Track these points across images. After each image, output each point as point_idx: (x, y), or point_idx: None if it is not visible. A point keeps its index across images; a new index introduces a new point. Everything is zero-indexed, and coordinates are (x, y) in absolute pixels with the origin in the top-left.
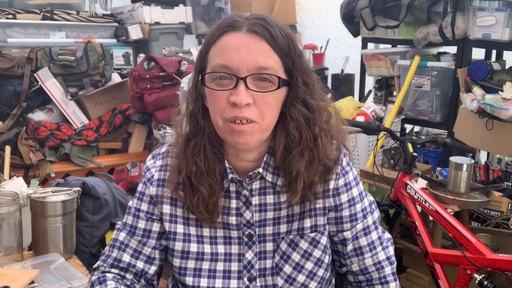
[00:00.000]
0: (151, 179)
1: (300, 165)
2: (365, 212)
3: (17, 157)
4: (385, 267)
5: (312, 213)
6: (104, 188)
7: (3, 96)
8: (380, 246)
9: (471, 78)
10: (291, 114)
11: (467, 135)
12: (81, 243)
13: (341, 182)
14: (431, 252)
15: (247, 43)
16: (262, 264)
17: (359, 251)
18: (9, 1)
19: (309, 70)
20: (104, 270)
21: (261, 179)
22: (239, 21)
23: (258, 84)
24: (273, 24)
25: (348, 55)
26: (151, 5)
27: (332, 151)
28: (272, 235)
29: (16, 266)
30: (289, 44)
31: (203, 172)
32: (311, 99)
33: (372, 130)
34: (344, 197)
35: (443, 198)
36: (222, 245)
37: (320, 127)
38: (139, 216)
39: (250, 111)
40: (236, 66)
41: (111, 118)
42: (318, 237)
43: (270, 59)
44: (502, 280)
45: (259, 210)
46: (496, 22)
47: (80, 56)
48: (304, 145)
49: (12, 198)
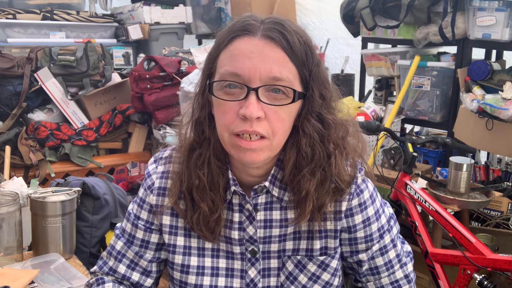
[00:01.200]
0: (152, 186)
1: (311, 185)
2: (381, 231)
3: (17, 157)
4: (403, 286)
5: (323, 234)
6: (104, 188)
7: (3, 96)
8: (398, 264)
9: (471, 78)
10: (304, 129)
11: (467, 135)
12: (81, 243)
13: (354, 203)
14: (431, 252)
15: (261, 49)
16: (266, 282)
17: (375, 270)
18: (9, 1)
19: (326, 80)
20: (103, 274)
21: (267, 193)
22: (254, 24)
23: (270, 96)
24: (291, 30)
25: (348, 55)
26: (151, 5)
27: (346, 170)
28: (277, 252)
29: (16, 266)
30: (307, 52)
31: (206, 187)
32: (327, 113)
33: (372, 130)
34: (358, 218)
35: (443, 198)
36: (224, 259)
37: (335, 144)
38: (138, 226)
39: (261, 126)
40: (248, 74)
41: (111, 118)
42: (328, 261)
43: (285, 69)
44: (502, 280)
45: (264, 226)
46: (496, 22)
47: (80, 56)
48: (316, 164)
49: (12, 198)
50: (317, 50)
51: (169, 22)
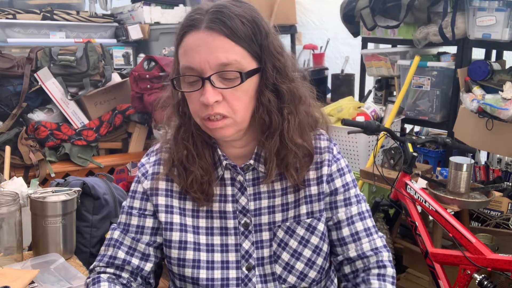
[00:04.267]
0: (146, 173)
1: (272, 147)
2: (359, 198)
3: (17, 157)
4: (383, 252)
5: (308, 199)
6: (104, 188)
7: (3, 96)
8: (376, 234)
9: (471, 78)
10: (261, 100)
11: (467, 135)
12: (81, 243)
13: (334, 168)
14: (431, 252)
15: (206, 41)
16: (260, 253)
17: (356, 236)
18: (9, 1)
19: (279, 50)
20: (99, 271)
21: (253, 170)
22: (198, 18)
23: (224, 80)
24: (232, 15)
25: (348, 55)
26: (151, 5)
27: (303, 134)
28: (268, 224)
29: (16, 266)
30: (254, 29)
31: (194, 156)
32: (282, 82)
33: (372, 130)
34: (339, 182)
35: (443, 198)
36: (219, 236)
37: (289, 111)
38: (132, 213)
39: (221, 107)
40: (199, 66)
41: (111, 118)
42: (314, 223)
43: (231, 54)
44: (502, 280)
45: (254, 199)
46: (496, 22)
47: (80, 56)
48: (274, 129)
49: (12, 198)
50: (317, 50)
51: (169, 22)
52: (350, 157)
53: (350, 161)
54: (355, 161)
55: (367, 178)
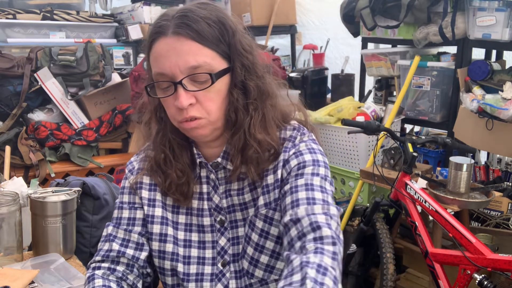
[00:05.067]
0: (132, 170)
1: (236, 144)
2: (314, 174)
3: (17, 157)
4: (323, 227)
5: (265, 189)
6: (104, 188)
7: (3, 96)
8: (321, 208)
9: (471, 78)
10: (230, 99)
11: (467, 135)
12: (81, 243)
13: (291, 152)
14: (431, 252)
15: (174, 46)
16: (236, 249)
17: (296, 203)
18: (9, 1)
19: (247, 48)
20: (94, 267)
21: (224, 169)
22: (164, 24)
23: (195, 84)
24: (197, 18)
25: (348, 55)
26: (151, 5)
27: (267, 129)
28: (242, 220)
29: (16, 266)
30: (221, 29)
31: (171, 159)
32: (249, 79)
33: (372, 130)
34: (294, 162)
35: (443, 198)
36: (196, 233)
37: (254, 106)
38: (123, 207)
39: (195, 110)
40: (170, 71)
41: (111, 118)
42: (270, 214)
43: (200, 56)
44: (502, 280)
45: (225, 196)
46: (496, 22)
47: (80, 56)
48: (239, 126)
49: (12, 198)
50: (317, 50)
51: None
52: (350, 157)
53: (350, 161)
54: (355, 161)
55: (367, 178)
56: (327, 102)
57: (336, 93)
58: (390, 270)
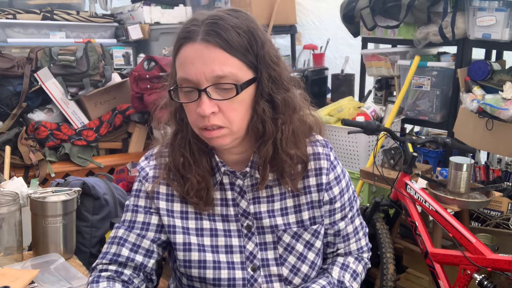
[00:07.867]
0: (146, 176)
1: (267, 155)
2: (351, 200)
3: (17, 157)
4: (365, 252)
5: (310, 205)
6: (104, 188)
7: (3, 96)
8: (361, 231)
9: (471, 78)
10: (256, 110)
11: (467, 135)
12: (81, 243)
13: (331, 177)
14: (431, 252)
15: (202, 53)
16: (264, 254)
17: (346, 237)
18: (9, 1)
19: (275, 60)
20: (101, 269)
21: (251, 177)
22: (194, 30)
23: (220, 92)
24: (227, 26)
25: (348, 55)
26: (151, 5)
27: (297, 143)
28: (270, 227)
29: (16, 266)
30: (250, 39)
31: (190, 163)
32: (277, 93)
33: (372, 130)
34: (336, 190)
35: (443, 198)
36: (223, 238)
37: (283, 120)
38: (138, 211)
39: (217, 119)
40: (195, 78)
41: (111, 118)
42: (319, 229)
43: (226, 66)
44: (502, 280)
45: (253, 203)
46: (496, 22)
47: (80, 56)
48: (268, 137)
49: (12, 198)
50: (317, 50)
51: (169, 22)
52: (350, 157)
53: (350, 161)
54: (355, 161)
55: (367, 178)
56: (327, 102)
57: (336, 93)
58: (390, 270)
